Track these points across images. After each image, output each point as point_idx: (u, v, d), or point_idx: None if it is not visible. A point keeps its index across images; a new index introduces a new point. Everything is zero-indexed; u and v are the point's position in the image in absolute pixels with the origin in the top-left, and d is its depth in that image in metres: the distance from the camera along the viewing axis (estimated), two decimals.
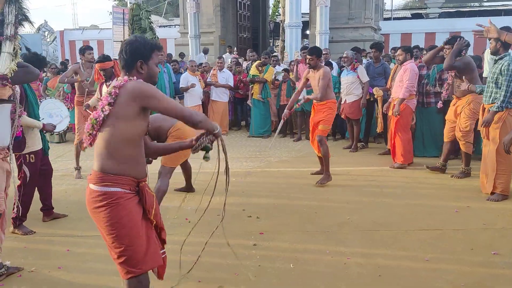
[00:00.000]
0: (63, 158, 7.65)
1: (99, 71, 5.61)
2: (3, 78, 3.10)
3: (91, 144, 2.39)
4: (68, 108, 6.66)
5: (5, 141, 3.36)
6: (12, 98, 3.36)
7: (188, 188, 5.54)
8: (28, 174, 4.26)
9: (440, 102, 6.90)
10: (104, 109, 2.29)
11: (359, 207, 4.99)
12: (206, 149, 2.51)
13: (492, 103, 4.97)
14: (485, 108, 5.18)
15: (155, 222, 2.47)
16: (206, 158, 2.52)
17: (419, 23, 19.96)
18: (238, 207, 4.94)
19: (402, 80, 6.51)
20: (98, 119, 2.30)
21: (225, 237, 2.97)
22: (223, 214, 2.75)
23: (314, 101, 6.06)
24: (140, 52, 2.37)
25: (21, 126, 3.87)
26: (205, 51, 15.43)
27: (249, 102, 9.58)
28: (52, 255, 3.67)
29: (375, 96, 7.68)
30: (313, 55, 5.80)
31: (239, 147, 8.53)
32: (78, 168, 6.42)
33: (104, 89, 5.54)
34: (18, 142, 4.02)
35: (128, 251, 2.30)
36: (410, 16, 25.65)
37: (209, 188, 2.68)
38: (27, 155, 4.25)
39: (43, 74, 9.43)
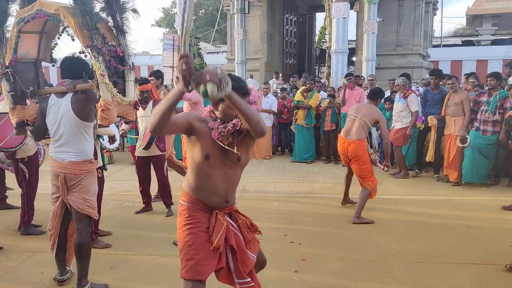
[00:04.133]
0: (110, 178, 7.86)
1: (140, 93, 5.39)
2: (137, 104, 3.56)
3: None
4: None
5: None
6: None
7: None
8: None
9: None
10: None
11: (406, 236, 4.81)
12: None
13: None
14: None
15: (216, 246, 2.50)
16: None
17: (469, 50, 19.47)
18: (279, 232, 4.89)
19: None
20: None
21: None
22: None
23: None
24: None
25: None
26: (250, 77, 15.68)
27: (292, 127, 9.58)
28: (96, 272, 3.73)
29: (429, 125, 7.51)
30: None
31: (283, 172, 8.48)
32: None
33: (140, 111, 5.46)
34: None
35: (180, 252, 2.54)
36: (460, 43, 25.04)
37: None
38: None
39: None
